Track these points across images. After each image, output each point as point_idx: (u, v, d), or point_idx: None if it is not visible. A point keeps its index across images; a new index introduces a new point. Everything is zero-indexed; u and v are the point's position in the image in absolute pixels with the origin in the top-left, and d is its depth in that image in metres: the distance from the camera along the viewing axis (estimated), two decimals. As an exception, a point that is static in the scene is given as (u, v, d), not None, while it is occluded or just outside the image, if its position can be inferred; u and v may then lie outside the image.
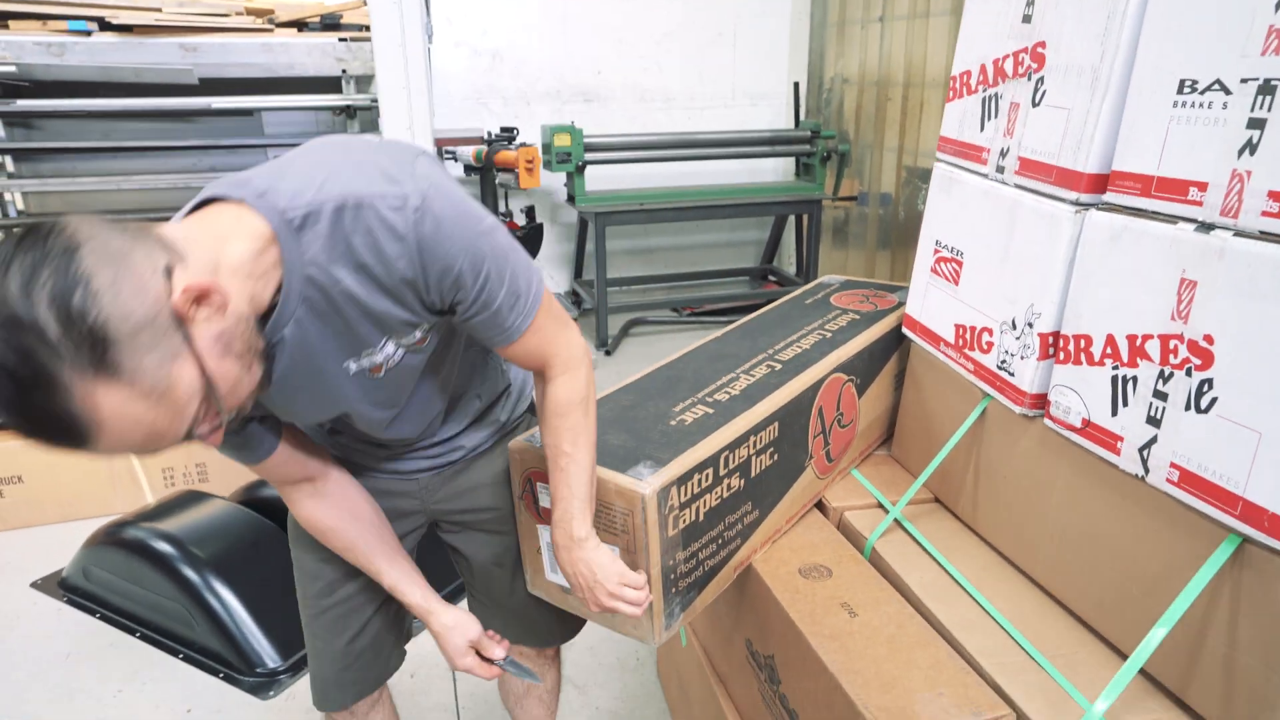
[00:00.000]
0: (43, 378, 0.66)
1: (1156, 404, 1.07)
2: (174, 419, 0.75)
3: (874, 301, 1.76)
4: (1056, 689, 1.11)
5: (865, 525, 1.47)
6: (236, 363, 0.80)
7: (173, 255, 0.75)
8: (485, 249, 0.90)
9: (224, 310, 0.77)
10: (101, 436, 0.71)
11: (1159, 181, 1.06)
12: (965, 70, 1.45)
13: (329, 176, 0.84)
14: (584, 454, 1.08)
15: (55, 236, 0.68)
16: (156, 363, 0.71)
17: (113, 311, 0.68)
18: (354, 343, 0.93)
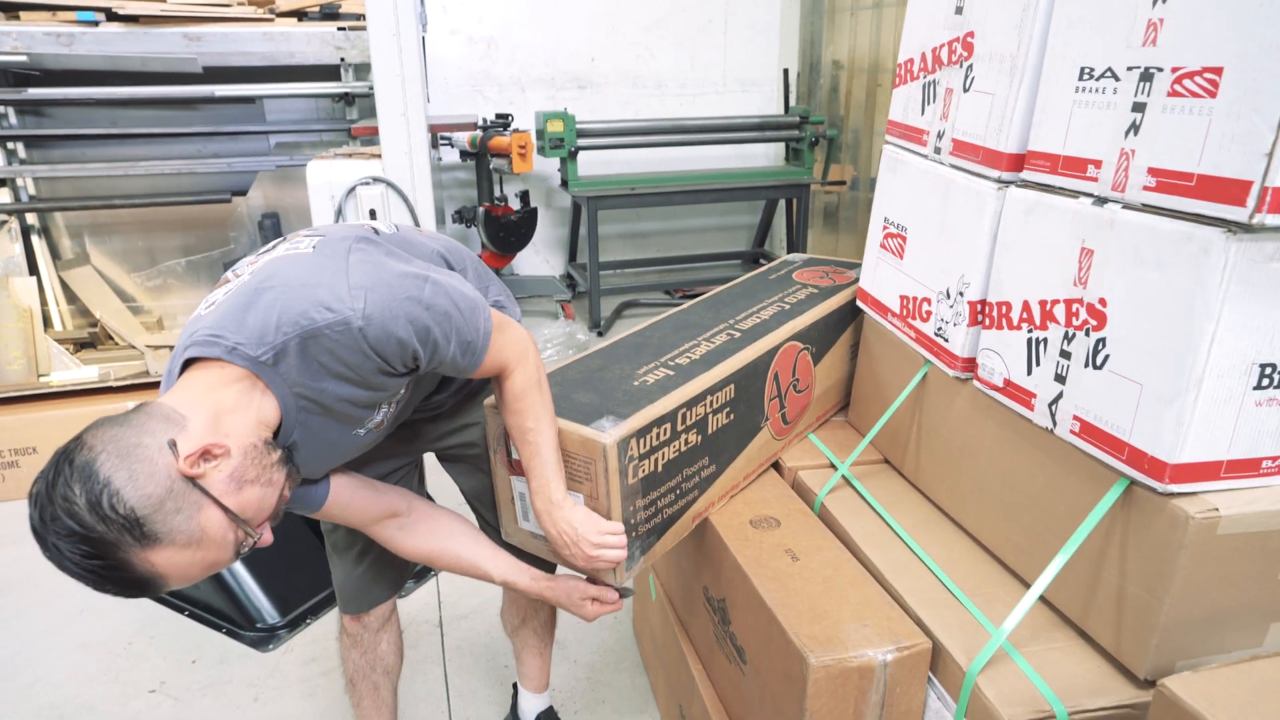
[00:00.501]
0: (110, 562, 0.88)
1: (1062, 362, 1.18)
2: (219, 551, 0.95)
3: (833, 277, 1.87)
4: (973, 622, 1.22)
5: (816, 483, 1.59)
6: (255, 486, 0.97)
7: (174, 427, 0.93)
8: (427, 320, 1.05)
9: (228, 454, 0.95)
10: (168, 581, 0.93)
11: (1064, 160, 1.16)
12: (909, 58, 1.55)
13: (280, 317, 0.99)
14: (547, 426, 1.22)
15: (77, 453, 0.88)
16: (185, 519, 0.91)
17: (136, 501, 0.87)
18: (355, 420, 1.13)
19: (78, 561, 0.87)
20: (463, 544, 1.39)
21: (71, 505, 0.85)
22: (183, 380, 1.01)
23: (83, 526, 0.85)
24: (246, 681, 2.06)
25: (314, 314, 0.99)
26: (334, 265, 1.04)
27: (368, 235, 1.15)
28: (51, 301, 3.98)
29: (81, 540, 0.86)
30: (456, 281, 1.14)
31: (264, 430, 1.01)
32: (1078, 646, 1.17)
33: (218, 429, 0.96)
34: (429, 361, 1.09)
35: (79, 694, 2.02)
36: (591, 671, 2.07)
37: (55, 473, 0.87)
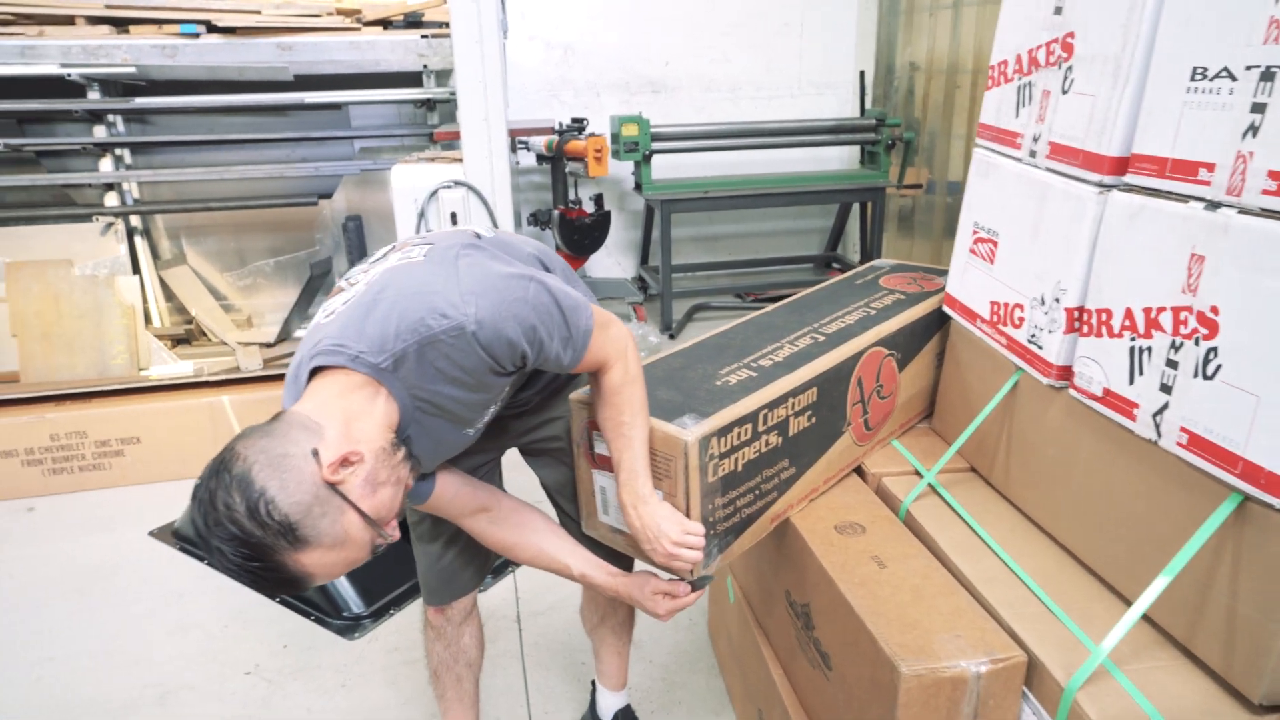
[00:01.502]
0: (267, 564, 0.96)
1: (1168, 372, 1.14)
2: (359, 550, 1.03)
3: (921, 284, 1.85)
4: (1069, 636, 1.19)
5: (901, 489, 1.57)
6: (386, 487, 1.05)
7: (314, 435, 1.00)
8: (534, 320, 1.10)
9: (363, 459, 1.02)
10: (316, 579, 1.01)
11: (1173, 163, 1.13)
12: (1003, 60, 1.52)
13: (399, 325, 1.05)
14: (641, 421, 1.25)
15: (234, 464, 0.95)
16: (330, 523, 0.98)
17: (289, 507, 0.95)
18: (466, 420, 1.20)
19: (239, 563, 0.95)
20: (545, 538, 1.43)
21: (233, 512, 0.93)
22: (311, 388, 1.08)
23: (243, 532, 0.93)
24: (334, 668, 2.13)
25: (430, 321, 1.04)
26: (445, 272, 1.09)
27: (472, 240, 1.20)
28: (151, 299, 4.18)
29: (242, 544, 0.94)
30: (557, 281, 1.17)
31: (389, 432, 1.07)
32: (1183, 666, 1.14)
33: (350, 435, 1.02)
34: (535, 359, 1.13)
35: (180, 673, 2.13)
36: (667, 672, 2.08)
37: (216, 481, 0.95)
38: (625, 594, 1.43)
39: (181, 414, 3.04)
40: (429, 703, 2.00)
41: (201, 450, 3.06)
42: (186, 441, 3.05)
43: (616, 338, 1.23)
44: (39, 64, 3.62)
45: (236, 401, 3.07)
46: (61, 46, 3.57)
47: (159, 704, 2.03)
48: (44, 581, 2.52)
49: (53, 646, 2.24)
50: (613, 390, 1.23)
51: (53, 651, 2.22)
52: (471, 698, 1.67)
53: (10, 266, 3.66)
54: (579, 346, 1.17)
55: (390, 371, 1.06)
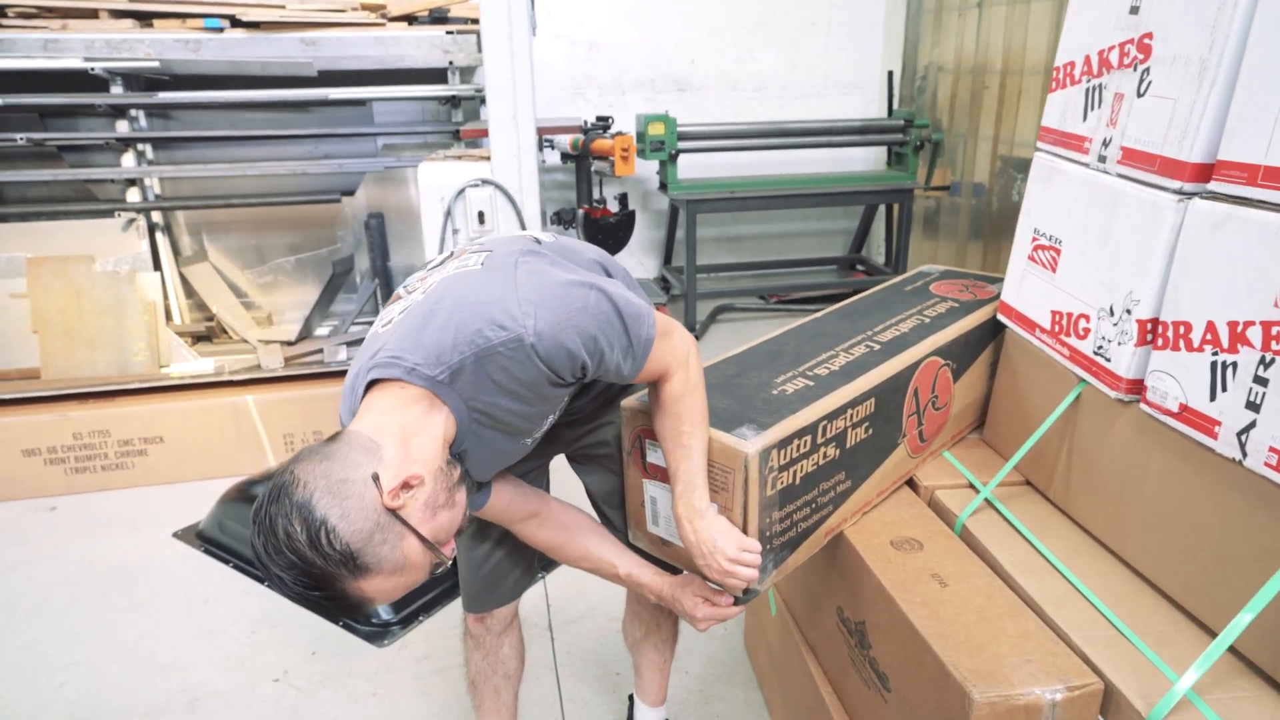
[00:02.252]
0: (329, 591, 0.94)
1: (1256, 389, 1.09)
2: (417, 572, 1.00)
3: (973, 291, 1.80)
4: (1145, 663, 1.14)
5: (956, 504, 1.52)
6: (445, 510, 1.02)
7: (373, 458, 0.97)
8: (594, 330, 1.06)
9: (423, 482, 0.99)
10: (376, 602, 0.99)
11: (1265, 170, 1.08)
12: (1069, 61, 1.47)
13: (456, 337, 1.02)
14: (701, 431, 1.21)
15: (295, 490, 0.93)
16: (390, 550, 0.96)
17: (350, 536, 0.93)
18: (523, 431, 1.16)
19: (300, 592, 0.94)
20: (591, 539, 1.42)
21: (294, 542, 0.91)
22: (368, 401, 1.06)
23: (304, 561, 0.92)
24: (364, 676, 2.10)
25: (488, 332, 1.01)
26: (503, 281, 1.06)
27: (532, 247, 1.16)
28: (172, 296, 4.16)
29: (303, 573, 0.93)
30: (620, 288, 1.13)
31: (445, 448, 1.05)
32: (1269, 697, 1.08)
33: (409, 455, 0.99)
34: (596, 369, 1.09)
35: (207, 680, 2.10)
36: (704, 684, 2.04)
37: (276, 508, 0.93)
38: (669, 595, 1.40)
39: (205, 413, 3.01)
40: (462, 712, 1.97)
41: (225, 451, 3.03)
42: (210, 441, 3.02)
43: (679, 345, 1.19)
44: (62, 58, 3.59)
45: (261, 402, 3.04)
46: (85, 40, 3.55)
47: (188, 710, 2.00)
48: (67, 583, 2.50)
49: (77, 651, 2.21)
50: (673, 399, 1.19)
51: (77, 656, 2.19)
52: (509, 710, 1.64)
53: (31, 262, 3.64)
54: (639, 356, 1.13)
55: (447, 384, 1.03)
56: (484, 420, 1.09)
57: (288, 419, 3.04)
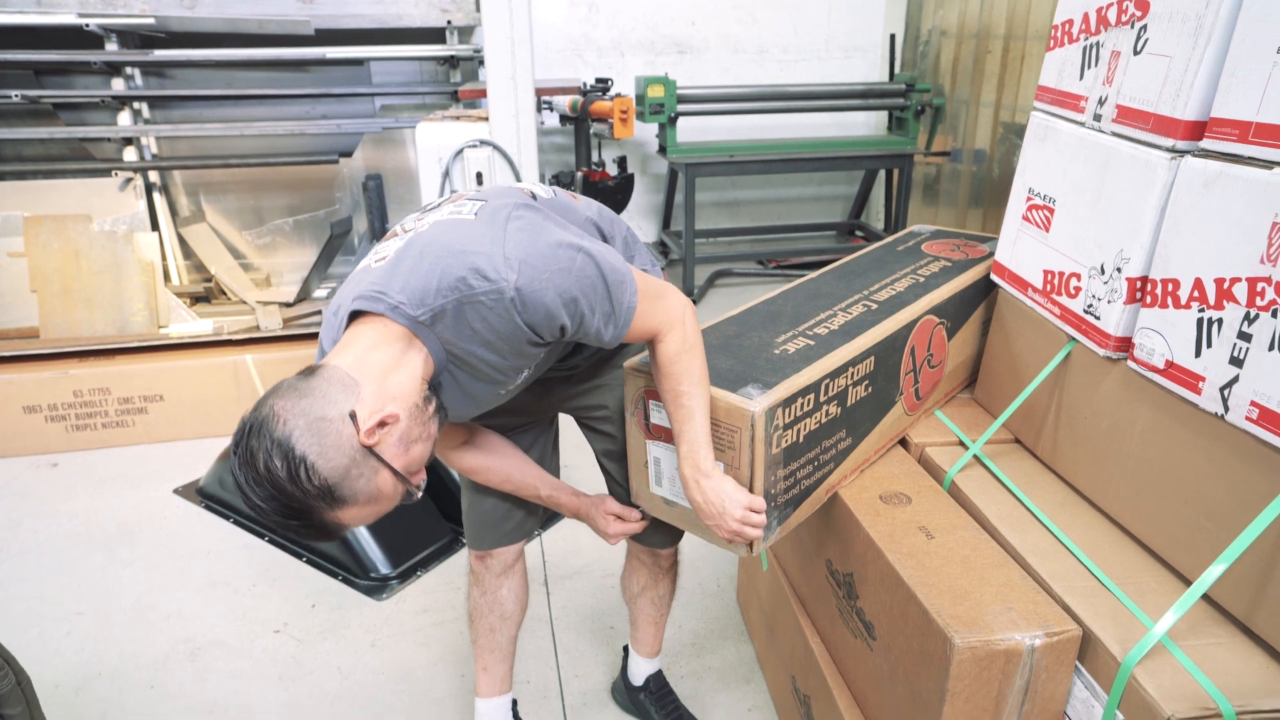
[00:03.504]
0: (306, 519, 0.99)
1: (1240, 345, 1.11)
2: (389, 501, 1.04)
3: (965, 250, 1.81)
4: (1123, 611, 1.18)
5: (945, 460, 1.55)
6: (418, 444, 1.05)
7: (351, 395, 1.00)
8: (575, 292, 1.08)
9: (398, 419, 1.02)
10: (347, 529, 1.05)
11: (1257, 127, 1.08)
12: (1068, 19, 1.47)
13: (441, 280, 1.04)
14: (700, 391, 1.22)
15: (274, 426, 0.96)
16: (365, 483, 1.00)
17: (328, 472, 0.97)
18: (495, 383, 1.18)
19: (279, 521, 0.99)
20: (514, 463, 1.47)
21: (274, 476, 0.95)
22: (349, 334, 1.07)
23: (283, 494, 0.96)
24: (363, 628, 2.14)
25: (472, 281, 1.03)
26: (492, 233, 1.07)
27: (527, 201, 1.17)
28: (170, 257, 4.16)
29: (283, 505, 0.97)
30: (608, 253, 1.14)
31: (423, 385, 1.07)
32: (1242, 644, 1.12)
33: (386, 393, 1.02)
34: (575, 331, 1.11)
35: (210, 630, 2.14)
36: (696, 637, 2.08)
37: (257, 441, 0.96)
38: (586, 513, 1.49)
39: (205, 372, 3.03)
40: (459, 663, 2.01)
41: (225, 409, 3.05)
42: (210, 400, 3.05)
43: (673, 306, 1.20)
44: (56, 13, 3.56)
45: (260, 361, 3.06)
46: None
47: (190, 659, 2.04)
48: (70, 537, 2.53)
49: (81, 602, 2.25)
50: (669, 359, 1.20)
51: (82, 607, 2.23)
52: (504, 650, 1.67)
53: (29, 221, 3.63)
54: (620, 323, 1.15)
55: (428, 326, 1.06)
56: (459, 364, 1.11)
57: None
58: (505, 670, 1.69)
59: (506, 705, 1.71)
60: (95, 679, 1.98)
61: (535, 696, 1.91)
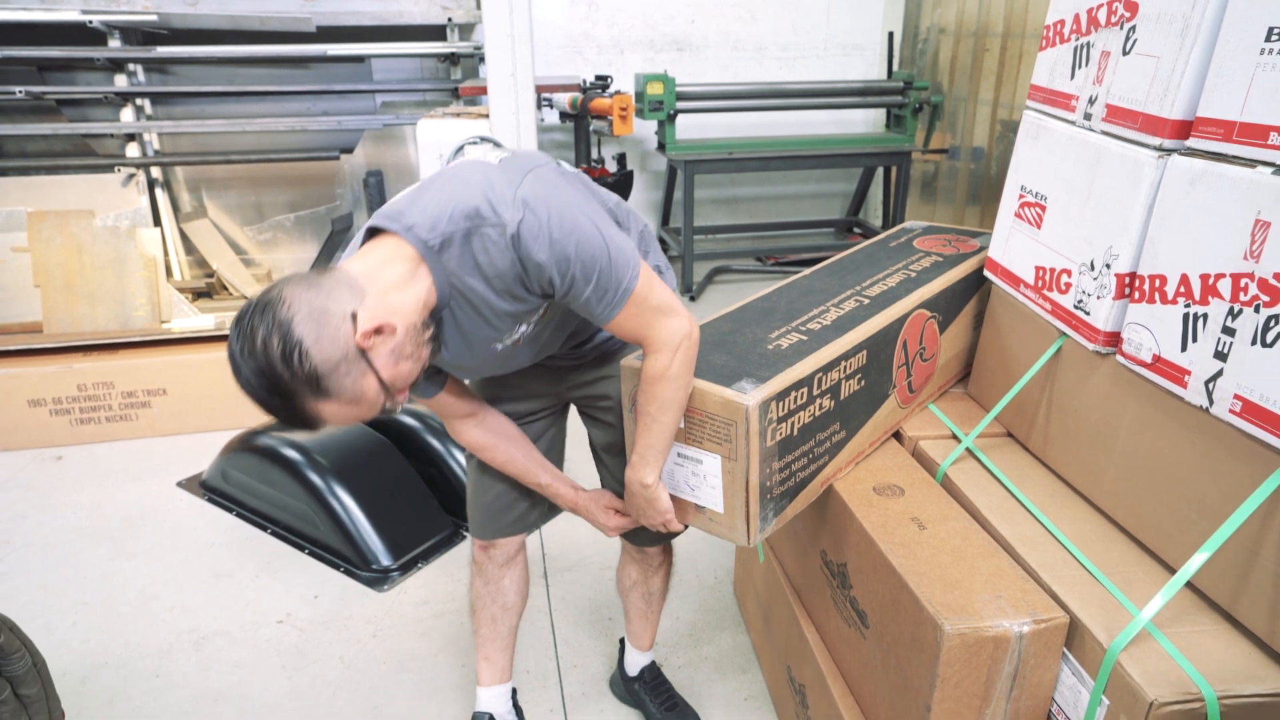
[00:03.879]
0: (288, 402, 1.03)
1: (1224, 339, 1.13)
2: (369, 408, 1.09)
3: (956, 245, 1.83)
4: (1110, 600, 1.20)
5: (939, 453, 1.57)
6: (409, 362, 1.10)
7: (355, 296, 1.04)
8: (571, 253, 1.11)
9: (394, 332, 1.06)
10: (326, 423, 1.07)
11: (1240, 127, 1.11)
12: (1059, 19, 1.49)
13: (455, 209, 1.10)
14: (667, 418, 1.26)
15: (279, 308, 1.00)
16: (351, 382, 1.04)
17: (318, 361, 1.01)
18: (492, 330, 1.21)
19: (263, 398, 1.03)
20: (519, 448, 1.49)
21: (268, 352, 0.99)
22: (365, 248, 1.13)
23: (273, 371, 1.00)
24: (365, 619, 2.17)
25: (484, 211, 1.09)
26: (509, 177, 1.12)
27: (553, 165, 1.21)
28: (172, 252, 4.18)
29: (270, 382, 1.00)
30: (619, 235, 1.17)
31: (424, 310, 1.12)
32: (1225, 631, 1.14)
33: (387, 305, 1.06)
34: (563, 292, 1.14)
35: (213, 620, 2.17)
36: (694, 629, 2.11)
37: (260, 319, 1.00)
38: (583, 507, 1.52)
39: (209, 367, 3.05)
40: (460, 654, 2.04)
41: (227, 403, 3.08)
42: (213, 394, 3.07)
43: (672, 330, 1.21)
44: (60, 9, 3.58)
45: (262, 355, 3.08)
46: (83, -7, 3.53)
47: (195, 649, 2.07)
48: (75, 529, 2.56)
49: (87, 593, 2.28)
50: (650, 379, 1.23)
51: (87, 597, 2.26)
52: (505, 640, 1.71)
53: (32, 216, 3.66)
54: (612, 303, 1.16)
55: (436, 252, 1.10)
56: (461, 301, 1.15)
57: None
58: (506, 660, 1.72)
59: (507, 694, 1.74)
60: (101, 668, 2.01)
61: (534, 686, 1.94)
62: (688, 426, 1.31)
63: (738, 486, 1.30)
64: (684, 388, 1.25)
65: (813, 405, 1.34)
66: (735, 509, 1.32)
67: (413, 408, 2.66)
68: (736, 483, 1.30)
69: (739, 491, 1.30)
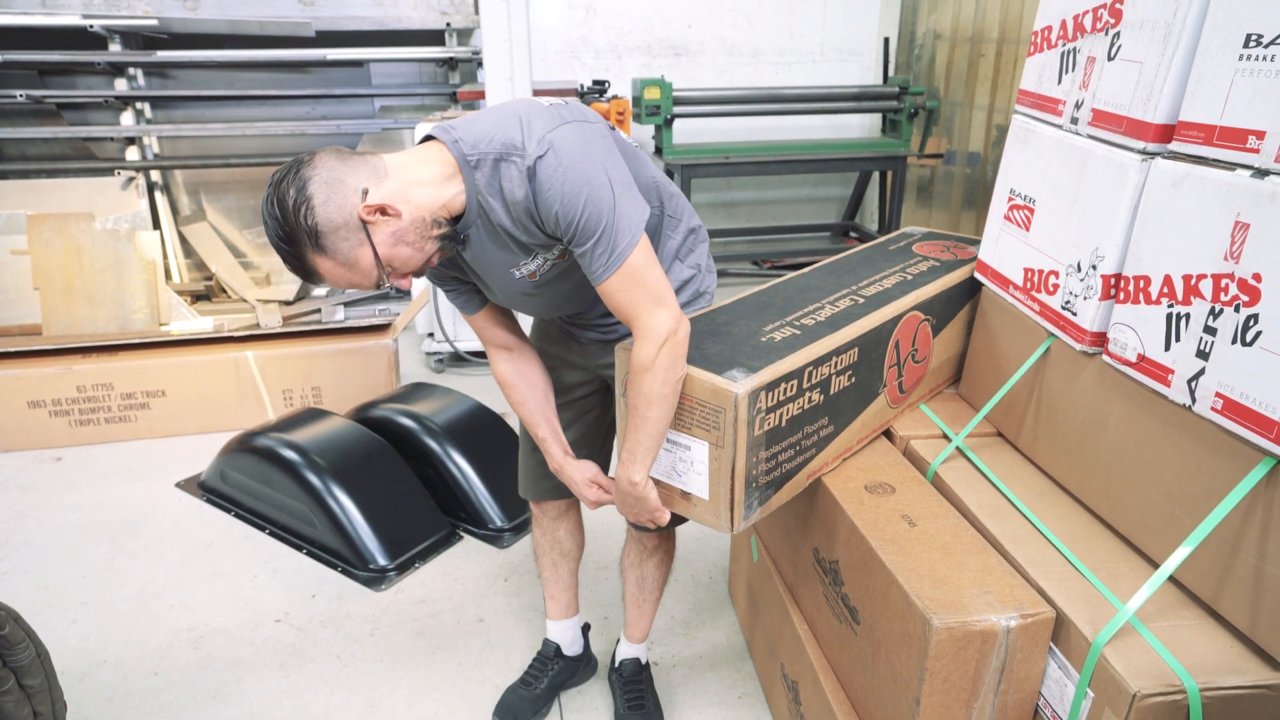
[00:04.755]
0: (293, 249, 1.18)
1: (1206, 338, 1.16)
2: (364, 277, 1.21)
3: (954, 251, 1.86)
4: (1095, 594, 1.22)
5: (929, 452, 1.60)
6: (407, 248, 1.21)
7: (376, 178, 1.18)
8: (579, 202, 1.19)
9: (400, 216, 1.19)
10: (325, 279, 1.22)
11: (1220, 131, 1.13)
12: (1047, 25, 1.52)
13: (495, 135, 1.22)
14: (653, 414, 1.29)
15: (306, 167, 1.16)
16: (348, 248, 1.18)
17: (320, 220, 1.16)
18: (511, 255, 1.32)
19: (275, 237, 1.17)
20: (537, 395, 1.57)
21: (284, 201, 1.15)
22: (414, 148, 1.27)
23: (284, 217, 1.15)
24: (362, 618, 2.18)
25: (515, 143, 1.20)
26: (548, 122, 1.21)
27: (598, 123, 1.28)
28: (171, 255, 4.20)
29: (279, 226, 1.16)
30: (631, 206, 1.23)
31: (443, 212, 1.23)
32: (1208, 625, 1.16)
33: (403, 194, 1.19)
34: (568, 238, 1.23)
35: (212, 619, 2.18)
36: (688, 628, 2.13)
37: (292, 173, 1.16)
38: (567, 474, 1.57)
39: (207, 368, 3.07)
40: (457, 652, 2.06)
41: (226, 405, 3.10)
42: (212, 395, 3.09)
43: (660, 320, 1.24)
44: (60, 14, 3.61)
45: (261, 357, 3.10)
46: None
47: (193, 647, 2.09)
48: (75, 529, 2.58)
49: (86, 592, 2.29)
50: (637, 369, 1.27)
51: (87, 596, 2.28)
52: (566, 581, 1.88)
53: (32, 219, 3.68)
54: (607, 265, 1.23)
55: (471, 168, 1.22)
56: (484, 220, 1.26)
57: (287, 375, 3.10)
58: (570, 598, 1.90)
59: (576, 625, 1.93)
60: (100, 666, 2.03)
61: (531, 684, 1.96)
62: (678, 412, 1.33)
63: (724, 474, 1.32)
64: (670, 384, 1.28)
65: (802, 398, 1.37)
66: (720, 496, 1.34)
67: (408, 408, 2.68)
68: (723, 470, 1.32)
69: (724, 479, 1.32)
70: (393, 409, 2.71)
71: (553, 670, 1.90)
